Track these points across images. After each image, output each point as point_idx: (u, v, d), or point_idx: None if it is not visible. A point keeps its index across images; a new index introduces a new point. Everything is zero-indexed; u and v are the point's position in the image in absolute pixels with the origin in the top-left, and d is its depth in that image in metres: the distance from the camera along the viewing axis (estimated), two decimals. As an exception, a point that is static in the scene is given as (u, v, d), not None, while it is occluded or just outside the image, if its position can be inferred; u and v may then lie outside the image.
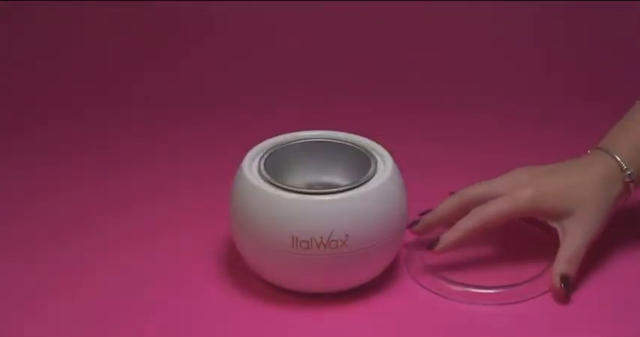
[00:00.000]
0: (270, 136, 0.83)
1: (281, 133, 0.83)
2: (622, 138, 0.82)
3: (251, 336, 0.76)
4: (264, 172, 0.77)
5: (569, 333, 0.76)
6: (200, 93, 1.18)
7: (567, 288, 0.77)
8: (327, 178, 0.83)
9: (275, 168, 0.79)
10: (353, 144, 0.82)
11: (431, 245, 0.80)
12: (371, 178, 0.77)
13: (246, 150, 0.80)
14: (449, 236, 0.79)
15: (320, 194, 0.74)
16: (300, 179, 0.83)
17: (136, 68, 1.22)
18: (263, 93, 1.18)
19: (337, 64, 1.19)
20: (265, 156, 0.80)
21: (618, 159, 0.80)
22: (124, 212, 0.92)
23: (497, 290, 0.79)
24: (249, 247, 0.78)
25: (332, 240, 0.74)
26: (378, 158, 0.79)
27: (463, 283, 0.79)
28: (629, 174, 0.80)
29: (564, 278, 0.77)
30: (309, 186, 0.82)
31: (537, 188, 0.79)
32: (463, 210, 0.81)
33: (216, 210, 0.86)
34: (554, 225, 0.80)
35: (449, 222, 0.81)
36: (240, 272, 0.82)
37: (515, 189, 0.79)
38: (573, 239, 0.78)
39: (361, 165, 0.79)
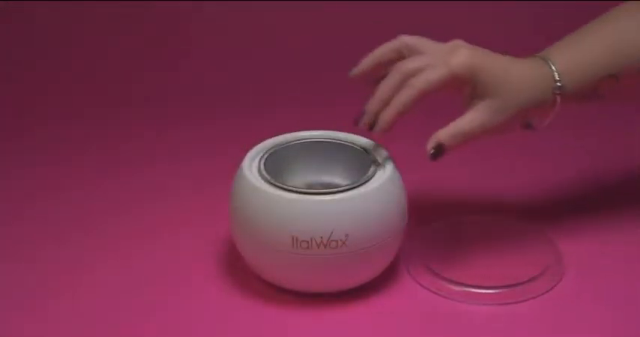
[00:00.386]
0: (270, 136, 0.83)
1: (281, 133, 0.83)
2: (562, 49, 0.79)
3: (251, 336, 0.76)
4: (264, 172, 0.77)
5: (569, 333, 0.76)
6: (200, 93, 1.18)
7: (434, 157, 0.76)
8: (327, 178, 0.83)
9: (275, 168, 0.79)
10: (353, 144, 0.82)
11: (369, 125, 0.77)
12: (371, 178, 0.77)
13: (246, 150, 0.80)
14: (385, 114, 0.76)
15: (320, 194, 0.74)
16: (300, 179, 0.83)
17: (136, 68, 1.22)
18: (263, 93, 1.18)
19: (337, 64, 1.19)
20: (265, 156, 0.80)
21: (553, 68, 0.77)
22: (124, 212, 0.92)
23: (497, 290, 0.79)
24: (249, 247, 0.78)
25: (332, 240, 0.74)
26: (378, 158, 0.79)
27: (463, 283, 0.79)
28: (560, 86, 0.77)
29: (438, 147, 0.76)
30: (309, 186, 0.82)
31: (472, 60, 0.75)
32: (397, 53, 0.78)
33: (216, 210, 0.86)
34: (467, 99, 0.77)
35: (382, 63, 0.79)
36: (240, 272, 0.82)
37: (449, 57, 0.75)
38: (473, 118, 0.76)
39: (361, 165, 0.79)
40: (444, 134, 0.76)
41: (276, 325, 0.77)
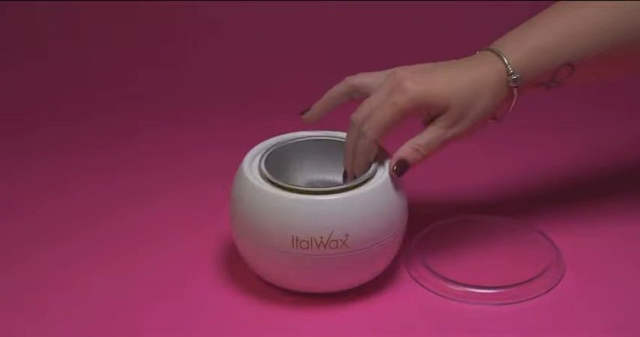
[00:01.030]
0: (270, 136, 0.83)
1: (281, 133, 0.83)
2: (514, 40, 0.78)
3: (251, 336, 0.76)
4: (264, 172, 0.77)
5: (569, 333, 0.76)
6: (200, 93, 1.18)
7: (398, 173, 0.76)
8: (327, 177, 0.83)
9: (275, 168, 0.79)
10: None
11: (344, 177, 0.79)
12: (371, 178, 0.77)
13: (246, 150, 0.80)
14: (355, 168, 0.77)
15: (320, 194, 0.74)
16: (300, 179, 0.83)
17: (136, 68, 1.22)
18: (263, 93, 1.18)
19: (337, 64, 1.19)
20: (265, 155, 0.80)
21: (506, 61, 0.76)
22: (123, 212, 0.92)
23: (497, 290, 0.79)
24: (249, 247, 0.78)
25: (332, 240, 0.74)
26: (378, 158, 0.79)
27: (463, 283, 0.79)
28: (515, 79, 0.76)
29: (401, 163, 0.76)
30: (310, 186, 0.82)
31: (416, 93, 0.75)
32: (348, 96, 0.80)
33: (216, 210, 0.86)
34: (425, 120, 0.77)
35: (335, 106, 0.80)
36: (240, 272, 0.82)
37: (394, 94, 0.75)
38: (432, 130, 0.76)
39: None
40: (406, 151, 0.77)
41: (276, 325, 0.76)
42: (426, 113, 0.77)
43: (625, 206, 0.91)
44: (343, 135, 0.83)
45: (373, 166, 0.78)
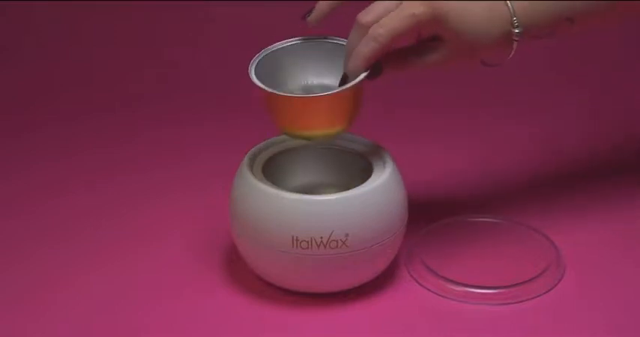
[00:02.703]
0: (271, 136, 0.83)
1: (281, 134, 0.83)
2: None
3: (251, 336, 0.76)
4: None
5: (570, 333, 0.76)
6: (200, 93, 1.18)
7: (370, 76, 0.74)
8: (321, 80, 0.81)
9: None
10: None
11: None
12: (371, 178, 0.77)
13: (246, 150, 0.80)
14: (351, 69, 0.74)
15: (320, 194, 0.74)
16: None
17: (136, 68, 1.22)
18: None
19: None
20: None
21: (512, 10, 0.75)
22: (123, 212, 0.92)
23: (497, 290, 0.79)
24: (249, 247, 0.78)
25: (332, 240, 0.74)
26: (378, 158, 0.79)
27: (463, 283, 0.79)
28: (517, 33, 0.75)
29: (377, 66, 0.74)
30: (303, 89, 0.80)
31: (435, 5, 0.72)
32: None
33: (217, 210, 0.86)
34: (424, 39, 0.76)
35: (340, 3, 0.77)
36: (240, 272, 0.82)
37: (412, 1, 0.73)
38: (426, 56, 0.75)
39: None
40: (393, 61, 0.75)
41: (276, 325, 0.76)
42: (433, 31, 0.74)
43: (625, 206, 0.91)
44: (336, 38, 0.80)
45: (373, 166, 0.78)
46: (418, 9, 0.72)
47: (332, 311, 0.77)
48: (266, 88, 0.74)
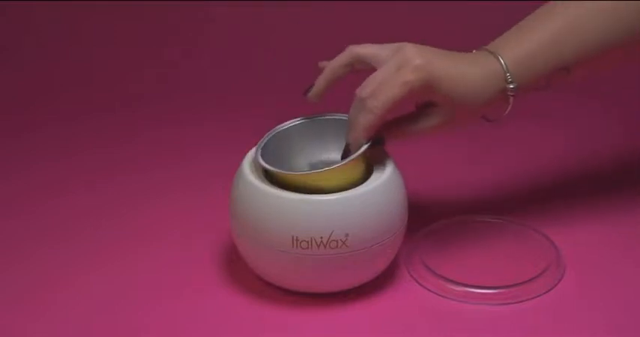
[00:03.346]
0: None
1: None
2: (512, 44, 0.77)
3: (251, 336, 0.76)
4: (260, 161, 0.77)
5: (570, 333, 0.76)
6: (200, 93, 1.18)
7: (372, 145, 0.75)
8: (326, 156, 0.82)
9: (273, 156, 0.78)
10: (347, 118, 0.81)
11: (344, 151, 0.77)
12: (371, 178, 0.77)
13: (246, 150, 0.80)
14: (353, 140, 0.75)
15: (320, 194, 0.74)
16: (299, 160, 0.82)
17: (136, 68, 1.22)
18: (263, 93, 1.18)
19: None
20: (263, 143, 0.79)
21: (504, 66, 0.75)
22: (123, 212, 0.92)
23: (497, 290, 0.79)
24: (249, 247, 0.78)
25: (332, 240, 0.74)
26: (378, 158, 0.79)
27: (463, 283, 0.79)
28: (512, 88, 0.76)
29: (379, 140, 0.76)
30: (310, 166, 0.81)
31: (427, 74, 0.73)
32: (350, 67, 0.78)
33: (216, 210, 0.86)
34: (418, 103, 0.77)
35: (338, 79, 0.79)
36: (240, 272, 0.82)
37: (404, 71, 0.73)
38: (426, 123, 0.76)
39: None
40: (393, 132, 0.76)
41: (276, 325, 0.76)
42: (427, 97, 0.76)
43: (625, 206, 0.91)
44: (339, 115, 0.81)
45: (373, 167, 0.78)
46: (409, 77, 0.73)
47: (332, 311, 0.78)
48: (273, 169, 0.75)
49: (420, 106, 0.78)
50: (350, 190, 0.75)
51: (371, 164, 0.78)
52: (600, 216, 0.89)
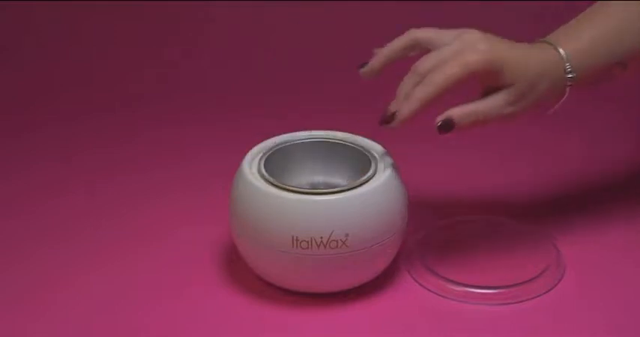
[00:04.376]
0: (270, 136, 0.83)
1: (281, 133, 0.83)
2: (572, 37, 0.77)
3: (251, 336, 0.76)
4: (264, 172, 0.77)
5: (570, 333, 0.76)
6: (200, 93, 1.18)
7: (440, 129, 0.75)
8: (327, 178, 0.83)
9: (275, 168, 0.79)
10: (353, 144, 0.82)
11: (386, 120, 0.75)
12: (371, 178, 0.77)
13: (246, 150, 0.80)
14: (405, 109, 0.74)
15: (320, 194, 0.74)
16: (300, 179, 0.83)
17: (136, 68, 1.22)
18: (263, 94, 1.18)
19: (337, 65, 1.19)
20: (265, 156, 0.80)
21: (564, 57, 0.75)
22: (123, 212, 0.92)
23: (497, 290, 0.79)
24: (249, 247, 0.78)
25: (332, 240, 0.74)
26: (378, 158, 0.79)
27: (463, 283, 0.79)
28: (571, 78, 0.76)
29: (447, 121, 0.74)
30: (310, 186, 0.82)
31: (490, 55, 0.73)
32: (410, 50, 0.77)
33: (216, 210, 0.86)
34: (484, 87, 0.76)
35: (394, 60, 0.78)
36: (240, 272, 0.82)
37: (467, 52, 0.73)
38: (491, 104, 0.75)
39: (362, 165, 0.79)
40: (458, 111, 0.75)
41: (276, 325, 0.76)
42: (490, 80, 0.75)
43: (625, 206, 0.91)
44: (343, 136, 0.83)
45: (373, 167, 0.78)
46: (472, 58, 0.73)
47: (332, 311, 0.78)
48: (279, 184, 0.76)
49: (483, 93, 0.76)
50: (350, 190, 0.75)
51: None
52: (600, 216, 0.89)
